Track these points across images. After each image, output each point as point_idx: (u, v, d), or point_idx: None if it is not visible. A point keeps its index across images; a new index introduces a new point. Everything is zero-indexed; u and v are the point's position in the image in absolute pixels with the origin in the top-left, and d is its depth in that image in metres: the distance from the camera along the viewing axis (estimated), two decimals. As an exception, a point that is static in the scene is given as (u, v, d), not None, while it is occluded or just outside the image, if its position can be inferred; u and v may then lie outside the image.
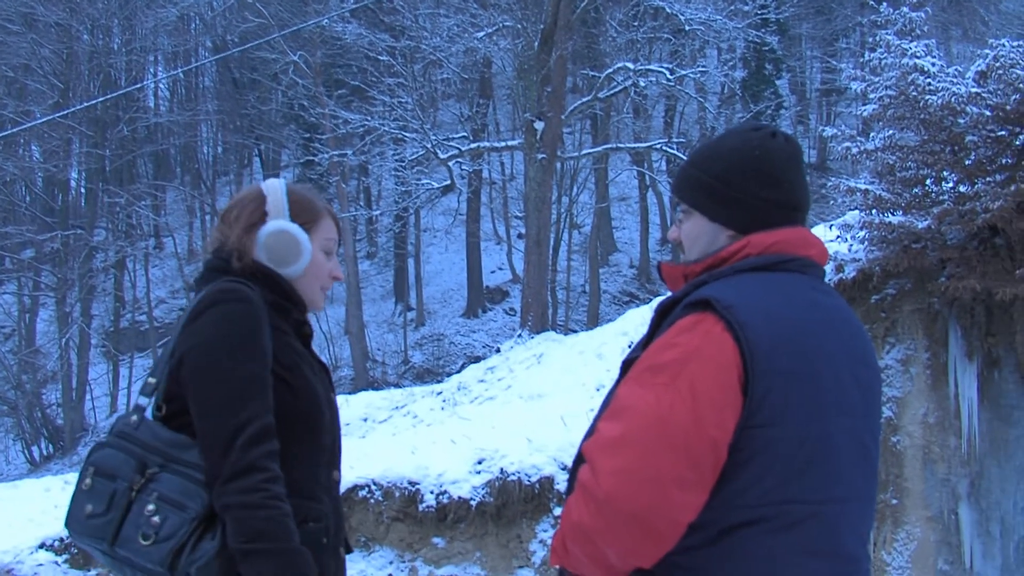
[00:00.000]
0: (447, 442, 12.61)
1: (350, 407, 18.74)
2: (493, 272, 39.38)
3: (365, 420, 18.17)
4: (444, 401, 17.95)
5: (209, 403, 2.67)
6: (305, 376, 2.89)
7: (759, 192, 2.62)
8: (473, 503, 11.57)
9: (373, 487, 11.83)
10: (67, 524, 2.79)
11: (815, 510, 2.38)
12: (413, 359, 35.59)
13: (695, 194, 2.72)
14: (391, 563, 11.60)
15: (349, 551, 3.12)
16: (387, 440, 14.66)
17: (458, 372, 21.79)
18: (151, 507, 2.64)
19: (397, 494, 11.77)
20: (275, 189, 3.07)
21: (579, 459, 2.58)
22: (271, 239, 2.96)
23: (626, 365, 2.60)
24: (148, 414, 2.80)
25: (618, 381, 2.63)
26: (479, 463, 11.88)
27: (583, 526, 2.36)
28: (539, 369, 17.23)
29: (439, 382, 22.16)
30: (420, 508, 11.65)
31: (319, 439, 2.91)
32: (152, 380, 2.83)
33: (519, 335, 21.24)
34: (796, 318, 2.44)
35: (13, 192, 36.57)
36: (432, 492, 11.68)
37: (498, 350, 21.34)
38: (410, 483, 11.80)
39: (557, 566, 2.57)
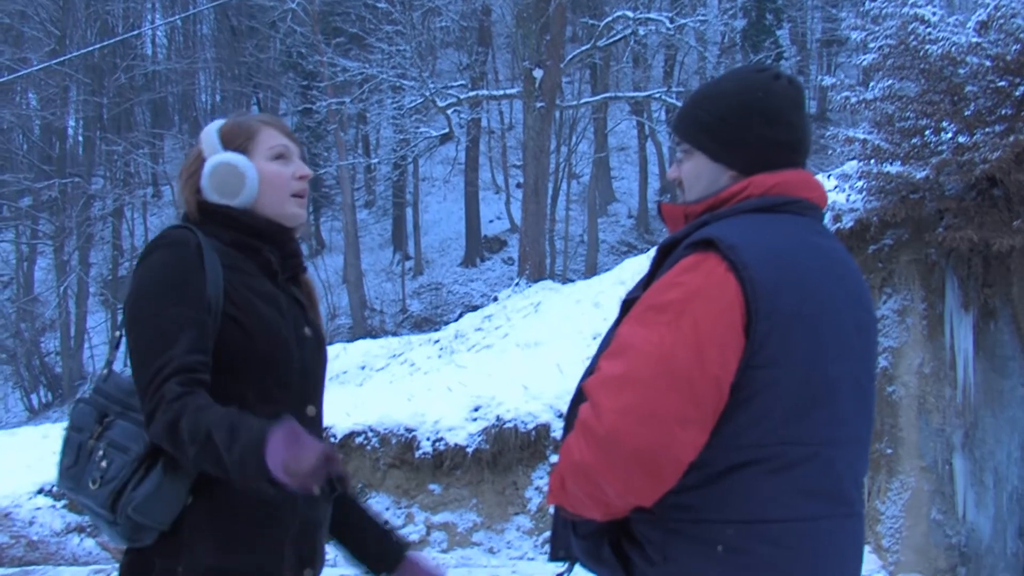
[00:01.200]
0: (444, 390, 12.67)
1: (348, 355, 18.84)
2: (491, 221, 39.30)
3: (363, 368, 18.25)
4: (441, 349, 18.00)
5: (135, 348, 2.68)
6: (260, 313, 2.84)
7: (762, 132, 2.61)
8: (469, 450, 11.64)
9: (370, 434, 11.90)
10: (56, 479, 2.84)
11: (815, 451, 2.39)
12: (411, 308, 35.58)
13: (697, 134, 2.71)
14: (388, 509, 11.68)
15: (342, 488, 2.96)
16: (384, 388, 14.73)
17: (456, 321, 21.81)
18: (100, 452, 2.67)
19: (394, 441, 11.84)
20: (207, 132, 3.04)
21: (577, 399, 2.59)
22: (211, 178, 2.94)
23: (626, 304, 2.60)
24: (117, 366, 2.83)
25: (617, 321, 2.62)
26: (475, 410, 11.94)
27: (583, 464, 2.35)
28: (536, 318, 17.26)
29: (437, 331, 22.17)
30: (416, 455, 11.72)
31: (282, 377, 2.87)
32: (117, 334, 2.86)
33: (517, 284, 21.28)
34: (799, 260, 2.44)
35: (10, 140, 36.42)
36: (428, 439, 11.75)
37: (495, 299, 21.39)
38: (407, 430, 11.87)
39: (553, 505, 2.58)
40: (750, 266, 2.34)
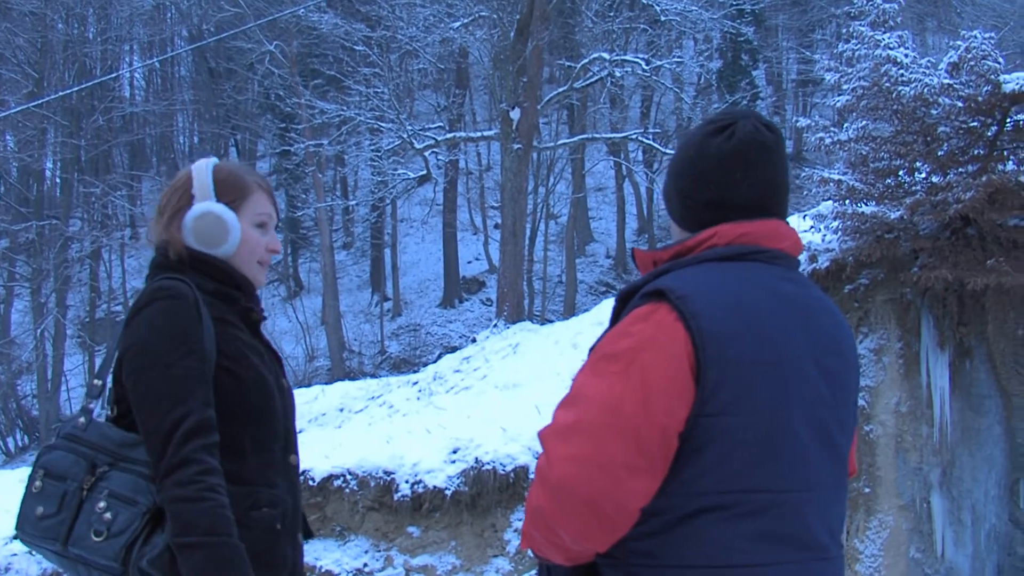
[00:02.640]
0: (422, 432, 12.64)
1: (326, 397, 18.75)
2: (470, 262, 39.34)
3: (341, 410, 18.16)
4: (420, 391, 17.95)
5: (146, 402, 2.69)
6: (253, 365, 2.90)
7: (692, 194, 2.66)
8: (448, 492, 11.60)
9: (348, 477, 11.86)
10: (17, 527, 2.79)
11: (777, 498, 2.39)
12: (390, 349, 35.54)
13: (666, 204, 2.81)
14: (366, 552, 11.62)
15: (309, 536, 3.14)
16: (363, 430, 14.67)
17: (434, 362, 21.80)
18: (102, 504, 2.66)
19: (372, 483, 11.79)
20: (201, 170, 3.05)
21: None
22: (196, 223, 2.96)
23: (594, 351, 2.62)
24: (96, 415, 2.83)
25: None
26: (454, 452, 11.91)
27: (540, 510, 2.40)
28: (515, 359, 17.25)
29: (416, 372, 22.15)
30: (395, 497, 11.67)
31: (272, 426, 2.93)
32: (97, 382, 2.86)
33: (495, 325, 21.27)
34: (755, 307, 2.44)
35: (-14, 182, 36.37)
36: (407, 482, 11.71)
37: (474, 340, 21.37)
38: (385, 472, 11.83)
39: (525, 549, 2.62)
40: (699, 315, 2.35)
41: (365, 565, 11.49)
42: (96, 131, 36.30)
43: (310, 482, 11.74)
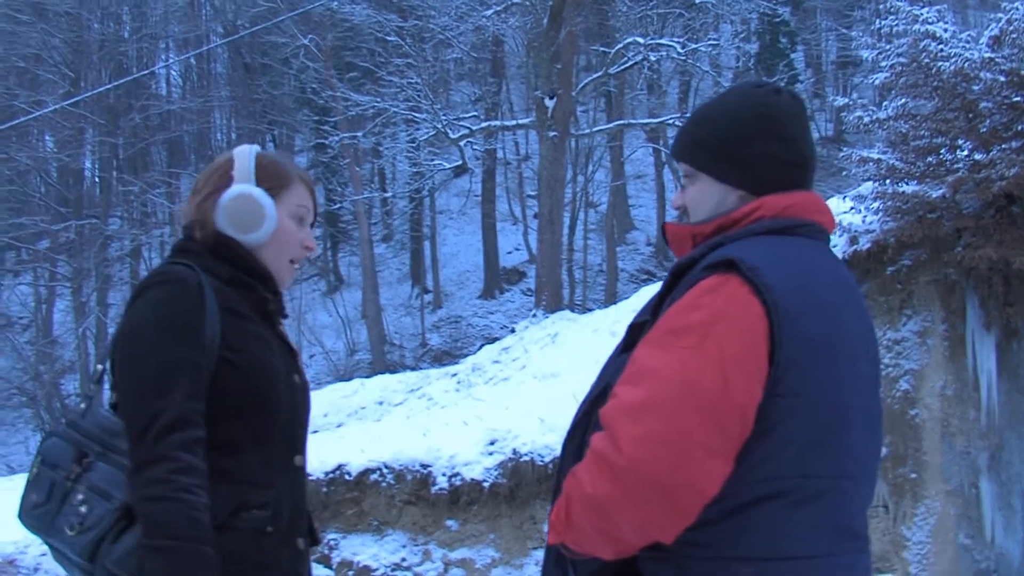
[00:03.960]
0: (460, 424, 12.57)
1: (366, 391, 18.76)
2: (510, 253, 39.25)
3: (380, 403, 18.16)
4: (459, 383, 17.92)
5: (128, 390, 2.58)
6: (256, 358, 2.75)
7: (767, 150, 2.50)
8: (486, 485, 11.53)
9: (385, 470, 11.81)
10: (20, 513, 2.70)
11: (830, 485, 2.28)
12: (431, 342, 35.54)
13: (699, 155, 2.60)
14: (404, 547, 11.58)
15: (315, 543, 3.00)
16: (401, 423, 14.64)
17: (474, 354, 21.74)
18: (80, 496, 2.56)
19: (409, 477, 11.74)
20: (244, 154, 2.93)
21: (573, 431, 2.53)
22: (231, 204, 2.83)
23: (632, 329, 2.51)
24: (103, 402, 2.73)
25: (621, 347, 2.54)
26: (491, 444, 11.84)
27: (597, 497, 2.22)
28: (553, 349, 17.18)
29: (456, 364, 22.10)
30: (432, 491, 11.62)
31: (273, 423, 2.78)
32: (99, 367, 2.78)
33: (534, 315, 21.19)
34: (815, 284, 2.33)
35: (27, 183, 36.54)
36: (444, 474, 11.65)
37: (513, 330, 21.30)
38: (422, 466, 11.77)
39: (556, 543, 2.42)
40: (773, 288, 2.22)
41: (403, 559, 11.43)
42: (133, 129, 36.51)
43: (346, 476, 11.71)
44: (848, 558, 2.33)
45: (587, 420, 2.48)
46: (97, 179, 39.93)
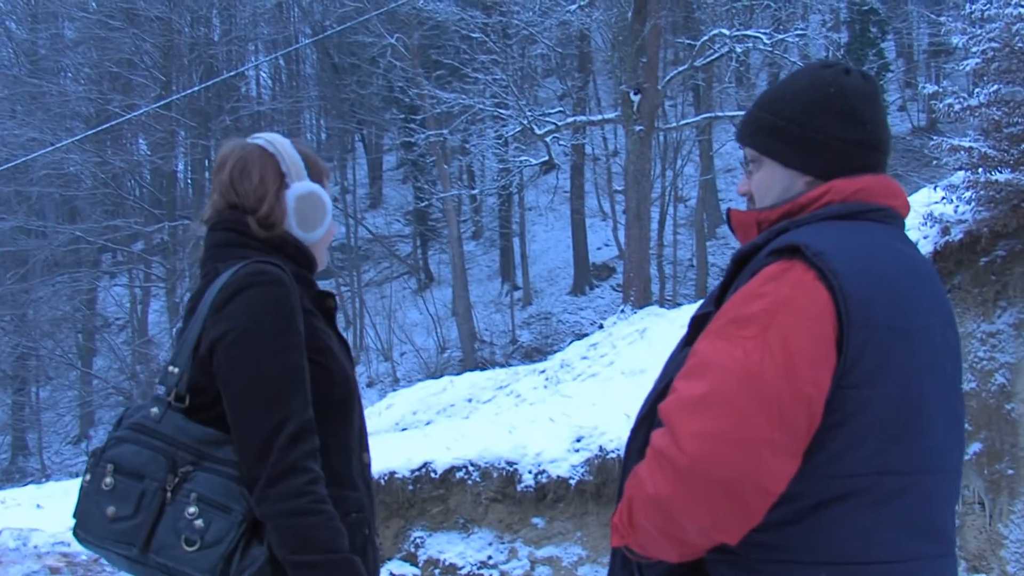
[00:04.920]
0: (546, 420, 12.51)
1: (455, 388, 18.79)
2: (599, 249, 39.12)
3: (469, 401, 18.16)
4: (547, 379, 17.85)
5: (245, 398, 2.47)
6: (338, 359, 2.70)
7: (837, 132, 2.39)
8: (572, 482, 11.46)
9: (471, 468, 11.78)
10: (81, 527, 2.56)
11: (911, 482, 2.16)
12: (521, 338, 35.56)
13: (766, 139, 2.50)
14: (490, 544, 11.55)
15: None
16: (488, 420, 14.59)
17: (563, 350, 21.67)
18: (192, 509, 2.44)
19: (495, 475, 11.71)
20: (285, 146, 2.83)
21: (638, 428, 2.44)
22: (302, 203, 2.76)
23: (696, 321, 2.43)
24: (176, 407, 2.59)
25: (685, 340, 2.46)
26: (578, 441, 11.77)
27: (659, 497, 2.14)
28: (641, 344, 17.04)
29: (545, 360, 22.04)
30: (519, 488, 11.58)
31: (353, 423, 2.74)
32: (174, 369, 2.60)
33: (622, 311, 21.06)
34: (889, 270, 2.22)
35: (121, 186, 37.14)
36: (530, 472, 11.60)
37: (601, 326, 21.19)
38: (508, 463, 11.74)
39: (620, 546, 2.35)
40: (840, 274, 2.12)
41: (489, 558, 11.40)
42: (224, 131, 36.87)
43: (432, 474, 11.71)
44: (940, 562, 2.23)
45: (651, 418, 2.40)
46: (190, 181, 40.56)
